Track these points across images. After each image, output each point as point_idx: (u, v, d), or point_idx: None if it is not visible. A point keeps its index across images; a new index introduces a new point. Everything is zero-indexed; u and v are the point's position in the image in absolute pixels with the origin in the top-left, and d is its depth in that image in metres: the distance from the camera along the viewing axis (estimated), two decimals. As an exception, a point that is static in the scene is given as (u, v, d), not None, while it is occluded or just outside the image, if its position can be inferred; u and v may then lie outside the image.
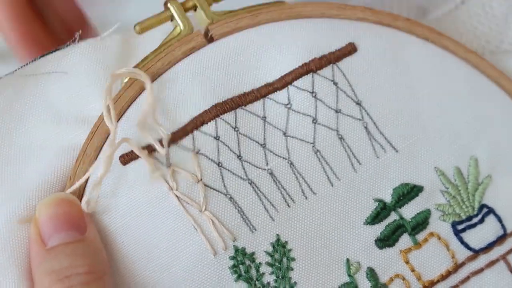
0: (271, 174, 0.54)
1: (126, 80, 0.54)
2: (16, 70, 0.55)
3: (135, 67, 0.54)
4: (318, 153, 0.55)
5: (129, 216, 0.52)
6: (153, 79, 0.54)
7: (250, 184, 0.53)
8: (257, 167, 0.54)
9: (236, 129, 0.54)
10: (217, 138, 0.53)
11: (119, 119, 0.53)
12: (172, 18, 0.56)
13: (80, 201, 0.51)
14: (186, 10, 0.56)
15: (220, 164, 0.53)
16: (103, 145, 0.53)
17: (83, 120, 0.54)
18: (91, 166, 0.52)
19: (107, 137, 0.53)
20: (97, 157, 0.52)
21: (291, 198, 0.54)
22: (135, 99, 0.54)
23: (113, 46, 0.56)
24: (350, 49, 0.57)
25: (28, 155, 0.53)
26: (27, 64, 0.55)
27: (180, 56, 0.55)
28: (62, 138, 0.54)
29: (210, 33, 0.56)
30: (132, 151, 0.52)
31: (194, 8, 0.57)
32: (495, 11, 0.62)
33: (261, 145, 0.54)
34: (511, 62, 0.61)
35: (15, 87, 0.54)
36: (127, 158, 0.52)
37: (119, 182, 0.52)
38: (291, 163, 0.54)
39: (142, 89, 0.54)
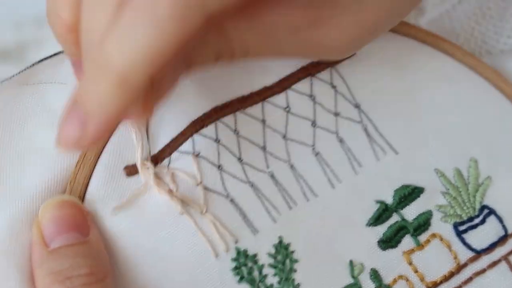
0: (272, 176, 0.54)
1: None
2: (13, 76, 0.55)
3: None
4: (318, 156, 0.55)
5: (131, 219, 0.51)
6: None
7: (251, 186, 0.53)
8: (258, 169, 0.54)
9: (236, 132, 0.54)
10: (217, 141, 0.53)
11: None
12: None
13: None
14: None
15: (220, 167, 0.53)
16: (103, 149, 0.52)
17: None
18: (91, 170, 0.52)
19: (107, 142, 0.52)
20: (97, 161, 0.52)
21: (292, 200, 0.54)
22: None
23: None
24: None
25: (27, 159, 0.52)
26: (24, 70, 0.55)
27: None
28: None
29: None
30: (135, 165, 0.52)
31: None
32: (492, 11, 0.62)
33: (261, 148, 0.54)
34: (507, 62, 0.61)
35: (13, 92, 0.54)
36: (132, 170, 0.52)
37: (120, 190, 0.52)
38: (292, 166, 0.54)
39: None
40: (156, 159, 0.52)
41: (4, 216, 0.51)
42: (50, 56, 0.56)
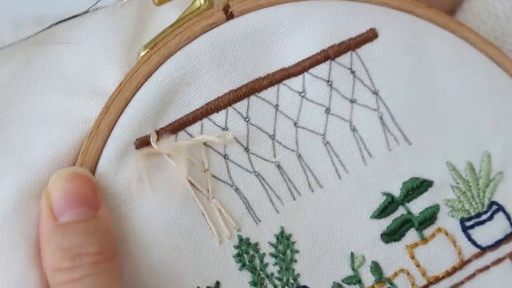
0: (278, 166, 0.54)
1: (143, 53, 0.53)
2: (29, 37, 0.54)
3: (153, 40, 0.53)
4: (327, 145, 0.54)
5: (141, 198, 0.51)
6: (171, 53, 0.53)
7: (257, 176, 0.53)
8: (264, 159, 0.53)
9: (247, 119, 0.53)
10: (225, 129, 0.53)
11: (134, 94, 0.52)
12: (192, -10, 0.55)
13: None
14: (207, -17, 0.55)
15: (226, 157, 0.53)
16: (117, 120, 0.52)
17: (96, 92, 0.53)
18: (104, 142, 0.51)
19: (121, 112, 0.52)
20: (110, 132, 0.52)
21: (297, 191, 0.54)
22: (150, 75, 0.53)
23: (130, 16, 0.54)
24: (371, 35, 0.55)
25: (37, 126, 0.52)
26: (41, 31, 0.54)
27: (199, 31, 0.54)
28: (73, 109, 0.52)
29: (230, 9, 0.54)
30: (146, 136, 0.52)
31: (215, -18, 0.56)
32: (498, 11, 0.61)
33: (270, 136, 0.54)
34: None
35: (27, 55, 0.53)
36: (143, 142, 0.52)
37: (132, 163, 0.52)
38: (299, 155, 0.54)
39: (158, 64, 0.53)
40: (163, 132, 0.52)
41: (11, 184, 0.50)
42: (68, 19, 0.55)
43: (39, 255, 0.49)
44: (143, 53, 0.53)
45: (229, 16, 0.55)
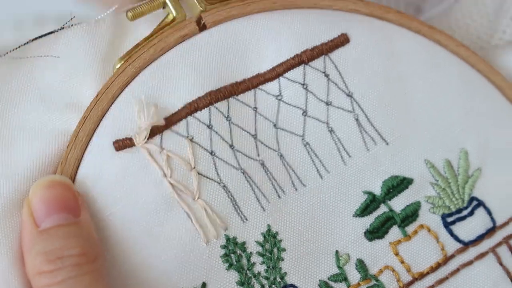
0: (263, 164, 0.54)
1: (118, 66, 0.54)
2: (6, 53, 0.55)
3: (128, 52, 0.54)
4: (307, 146, 0.55)
5: (123, 202, 0.52)
6: (146, 65, 0.54)
7: (243, 173, 0.54)
8: (249, 157, 0.54)
9: (228, 118, 0.54)
10: (210, 126, 0.54)
11: (111, 105, 0.53)
12: (164, 5, 0.56)
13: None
14: (179, -3, 0.56)
15: (213, 153, 0.53)
16: (95, 129, 0.53)
17: (74, 105, 0.54)
18: (82, 151, 0.52)
19: (99, 122, 0.53)
20: (88, 142, 0.52)
21: (282, 189, 0.54)
22: (127, 85, 0.54)
23: (105, 31, 0.56)
24: (342, 40, 0.57)
25: (18, 139, 0.53)
26: (18, 46, 0.55)
27: (172, 43, 0.55)
28: (53, 123, 0.53)
29: (203, 20, 0.56)
30: (126, 138, 0.52)
31: (187, -6, 0.57)
32: (488, 8, 0.62)
33: (253, 136, 0.54)
34: (501, 57, 0.61)
35: (5, 70, 0.54)
36: (122, 144, 0.52)
37: (112, 169, 0.52)
38: (281, 155, 0.55)
39: (135, 75, 0.54)
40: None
41: None
42: (44, 35, 0.56)
43: (23, 262, 0.50)
44: (118, 65, 0.54)
45: (202, 27, 0.56)
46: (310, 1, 0.58)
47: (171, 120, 0.53)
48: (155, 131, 0.53)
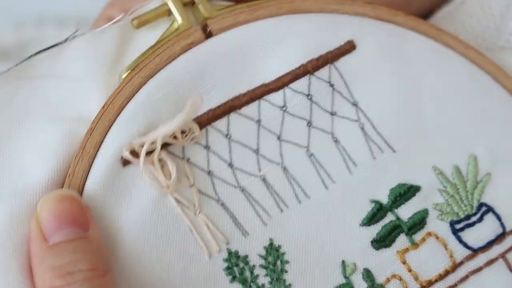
0: (264, 180, 0.54)
1: (124, 75, 0.53)
2: (10, 68, 0.55)
3: (134, 62, 0.54)
4: (312, 157, 0.55)
5: (130, 216, 0.52)
6: (152, 74, 0.54)
7: (242, 191, 0.54)
8: (249, 174, 0.54)
9: (228, 136, 0.54)
10: (207, 147, 0.54)
11: (118, 115, 0.53)
12: (169, 12, 0.56)
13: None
14: (184, 4, 0.56)
15: (210, 173, 0.53)
16: (102, 141, 0.53)
17: (81, 117, 0.54)
18: (90, 163, 0.52)
19: (106, 134, 0.53)
20: (96, 154, 0.52)
21: (284, 203, 0.54)
22: (133, 96, 0.54)
23: (110, 40, 0.56)
24: (348, 47, 0.56)
25: (25, 154, 0.53)
26: (22, 61, 0.55)
27: (178, 51, 0.55)
28: (60, 136, 0.53)
29: (208, 28, 0.55)
30: (132, 150, 0.52)
31: (192, 2, 0.56)
32: (494, 10, 0.61)
33: (254, 151, 0.54)
34: (507, 59, 0.60)
35: (10, 86, 0.54)
36: (127, 160, 0.52)
37: (120, 182, 0.52)
38: (285, 168, 0.54)
39: (140, 85, 0.54)
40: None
41: (3, 209, 0.51)
42: (48, 48, 0.56)
43: (31, 277, 0.50)
44: (124, 75, 0.54)
45: (208, 34, 0.55)
46: (317, 5, 0.57)
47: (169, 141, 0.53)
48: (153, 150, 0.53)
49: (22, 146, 0.53)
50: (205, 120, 0.54)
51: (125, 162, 0.52)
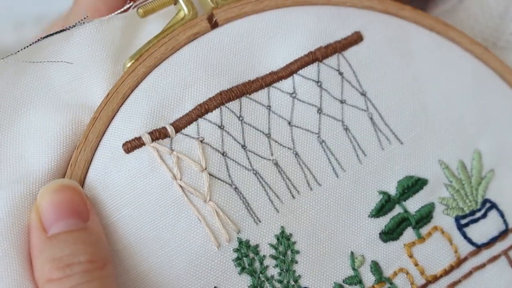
0: (276, 164, 0.53)
1: (129, 65, 0.53)
2: (18, 51, 0.54)
3: (138, 51, 0.53)
4: (323, 144, 0.54)
5: (132, 206, 0.50)
6: (157, 64, 0.53)
7: (255, 174, 0.52)
8: (262, 157, 0.53)
9: (240, 118, 0.53)
10: (221, 127, 0.52)
11: (121, 105, 0.52)
12: (175, 1, 0.55)
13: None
14: (191, -6, 0.55)
15: (225, 154, 0.52)
16: (105, 130, 0.51)
17: (84, 105, 0.52)
18: (92, 153, 0.51)
19: (109, 123, 0.51)
20: (99, 143, 0.51)
21: (296, 189, 0.53)
22: (137, 85, 0.53)
23: (116, 29, 0.54)
24: (356, 38, 0.56)
25: (28, 140, 0.51)
26: (30, 44, 0.54)
27: (184, 41, 0.54)
28: (63, 123, 0.52)
29: (214, 18, 0.54)
30: (135, 138, 0.51)
31: (199, -9, 0.56)
32: (493, 10, 0.61)
33: (266, 135, 0.53)
34: (508, 59, 0.61)
35: (16, 69, 0.53)
36: (130, 146, 0.51)
37: (121, 172, 0.51)
38: (296, 154, 0.54)
39: (145, 74, 0.53)
40: (158, 135, 0.51)
41: (3, 197, 0.49)
42: (56, 33, 0.54)
43: (31, 267, 0.49)
44: (129, 64, 0.53)
45: (214, 24, 0.54)
46: None
47: (182, 122, 0.52)
48: (164, 134, 0.51)
49: (24, 134, 0.51)
50: (218, 101, 0.52)
51: (129, 149, 0.51)
